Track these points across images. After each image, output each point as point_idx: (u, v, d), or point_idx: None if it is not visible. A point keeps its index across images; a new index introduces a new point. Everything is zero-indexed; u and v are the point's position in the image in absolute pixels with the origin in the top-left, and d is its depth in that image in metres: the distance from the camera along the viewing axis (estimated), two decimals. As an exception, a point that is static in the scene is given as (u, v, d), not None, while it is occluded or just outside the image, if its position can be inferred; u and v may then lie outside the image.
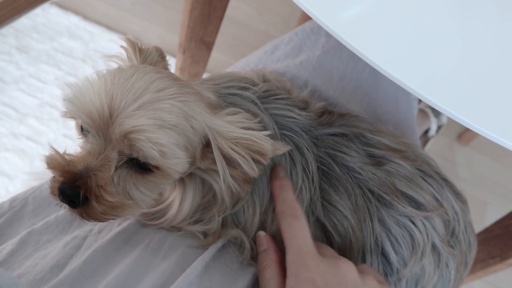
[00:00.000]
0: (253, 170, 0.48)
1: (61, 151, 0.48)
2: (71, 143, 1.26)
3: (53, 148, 0.47)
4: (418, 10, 0.51)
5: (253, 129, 0.48)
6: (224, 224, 0.56)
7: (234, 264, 0.56)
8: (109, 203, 0.46)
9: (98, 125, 0.44)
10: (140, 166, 0.46)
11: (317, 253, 0.49)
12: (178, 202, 0.54)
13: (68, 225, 0.56)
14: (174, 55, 1.19)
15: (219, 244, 0.56)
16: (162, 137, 0.43)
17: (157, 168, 0.45)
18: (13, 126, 1.27)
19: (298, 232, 0.50)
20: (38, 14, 1.46)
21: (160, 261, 0.53)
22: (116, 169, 0.46)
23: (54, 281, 0.48)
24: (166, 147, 0.44)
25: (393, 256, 0.55)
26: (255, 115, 0.51)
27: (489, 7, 0.52)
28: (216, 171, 0.50)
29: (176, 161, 0.46)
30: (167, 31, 1.53)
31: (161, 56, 0.54)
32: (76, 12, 1.50)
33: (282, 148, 0.49)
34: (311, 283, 0.45)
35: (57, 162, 0.46)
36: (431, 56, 0.48)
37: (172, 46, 1.26)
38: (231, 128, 0.47)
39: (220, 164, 0.48)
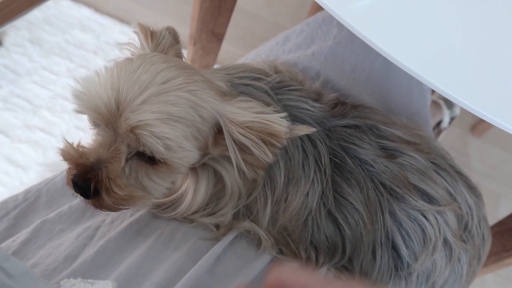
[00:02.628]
0: (266, 155, 0.46)
1: (75, 143, 0.49)
2: (83, 134, 1.27)
3: (66, 140, 0.48)
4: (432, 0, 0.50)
5: (265, 113, 0.47)
6: (235, 216, 0.56)
7: (244, 255, 0.56)
8: (119, 195, 0.46)
9: (107, 118, 0.44)
10: (150, 158, 0.46)
11: None
12: (192, 191, 0.54)
13: (81, 215, 0.57)
14: (184, 47, 1.19)
15: (231, 236, 0.56)
16: (167, 130, 0.43)
17: (164, 161, 0.45)
18: (26, 118, 1.28)
19: None
20: (50, 7, 1.47)
21: (171, 252, 0.54)
22: (127, 161, 0.46)
23: (67, 271, 0.49)
24: (172, 141, 0.44)
25: (403, 250, 0.55)
26: (268, 105, 0.50)
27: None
28: (228, 159, 0.49)
29: (184, 154, 0.46)
30: (178, 23, 1.53)
31: (175, 38, 0.54)
32: (88, 4, 1.50)
33: (304, 129, 0.48)
34: None
35: (70, 155, 0.47)
36: (445, 46, 0.47)
37: (183, 38, 1.26)
38: (243, 113, 0.46)
39: (232, 151, 0.47)
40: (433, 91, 1.03)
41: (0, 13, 0.65)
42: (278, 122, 0.45)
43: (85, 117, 0.47)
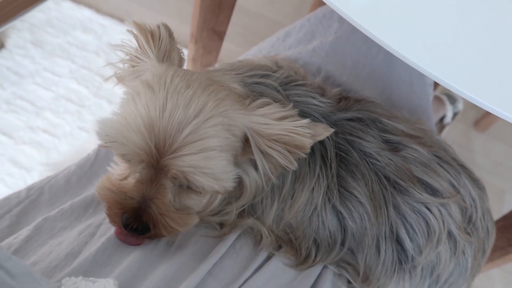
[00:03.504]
0: (291, 164, 0.48)
1: (108, 179, 0.49)
2: (86, 135, 1.28)
3: (104, 179, 0.49)
4: (433, -8, 0.49)
5: (289, 118, 0.47)
6: (240, 215, 0.56)
7: (243, 251, 0.56)
8: (175, 230, 0.48)
9: (148, 161, 0.44)
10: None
11: None
12: (209, 196, 0.54)
13: (82, 213, 0.57)
14: (186, 46, 1.19)
15: (234, 236, 0.56)
16: (214, 165, 0.44)
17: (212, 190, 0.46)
18: (29, 120, 1.29)
19: None
20: (51, 8, 1.48)
21: (173, 250, 0.54)
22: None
23: (68, 269, 0.49)
24: (219, 170, 0.45)
25: (408, 243, 0.55)
26: (278, 101, 0.51)
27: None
28: (248, 161, 0.50)
29: (228, 176, 0.46)
30: (179, 22, 1.53)
31: (169, 34, 0.53)
32: (89, 5, 1.50)
33: (324, 132, 0.48)
34: None
35: (112, 198, 0.47)
36: (447, 38, 0.47)
37: (184, 37, 1.26)
38: (268, 123, 0.47)
39: (259, 159, 0.48)
40: (435, 87, 1.03)
41: (1, 12, 0.65)
42: (302, 133, 0.46)
43: (88, 118, 0.47)
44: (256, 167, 0.51)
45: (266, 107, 0.48)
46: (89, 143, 1.26)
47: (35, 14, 1.46)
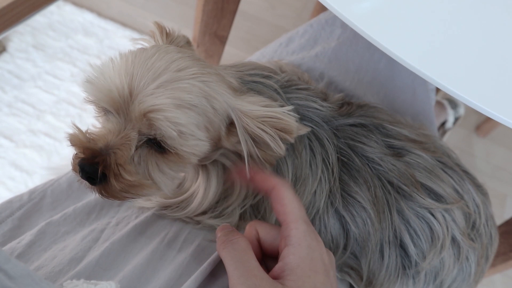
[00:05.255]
0: (280, 148, 0.47)
1: (84, 129, 0.48)
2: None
3: (75, 126, 0.48)
4: (436, -2, 0.50)
5: (274, 106, 0.47)
6: (242, 217, 0.56)
7: None
8: (128, 181, 0.46)
9: (118, 103, 0.44)
10: (160, 147, 0.46)
11: None
12: (203, 189, 0.54)
13: (86, 217, 0.57)
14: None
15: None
16: (181, 116, 0.43)
17: (175, 150, 0.45)
18: (31, 123, 1.29)
19: (293, 199, 0.43)
20: (53, 12, 1.48)
21: (176, 254, 0.54)
22: (136, 149, 0.46)
23: (72, 273, 0.49)
24: (185, 127, 0.44)
25: (411, 249, 0.55)
26: (277, 101, 0.51)
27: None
28: (237, 154, 0.50)
29: (195, 142, 0.46)
30: (181, 27, 1.52)
31: (187, 43, 0.54)
32: (91, 9, 1.51)
33: (303, 128, 0.49)
34: (321, 258, 0.41)
35: (78, 139, 0.47)
36: (450, 44, 0.47)
37: (186, 41, 1.27)
38: (254, 107, 0.46)
39: (245, 143, 0.47)
40: (437, 92, 1.03)
41: (4, 18, 0.65)
42: (289, 117, 0.46)
43: (90, 121, 0.47)
44: (237, 154, 0.50)
45: (253, 97, 0.48)
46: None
47: (37, 18, 1.47)
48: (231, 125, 0.48)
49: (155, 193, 0.50)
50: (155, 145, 0.46)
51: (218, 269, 0.53)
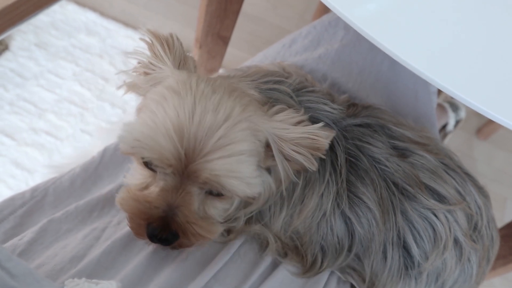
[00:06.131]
0: (313, 165, 0.48)
1: (130, 188, 0.48)
2: (88, 138, 1.28)
3: (125, 188, 0.48)
4: (439, 0, 0.50)
5: (303, 122, 0.48)
6: (247, 221, 0.56)
7: (247, 257, 0.56)
8: (205, 237, 0.47)
9: (175, 166, 0.43)
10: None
11: None
12: (231, 204, 0.54)
13: (87, 216, 0.57)
14: (190, 50, 1.19)
15: (239, 242, 0.56)
16: (245, 169, 0.44)
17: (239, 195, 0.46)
18: (32, 121, 1.29)
19: None
20: (56, 11, 1.48)
21: (177, 254, 0.54)
22: None
23: (73, 271, 0.49)
24: (250, 175, 0.44)
25: (414, 249, 0.55)
26: (291, 107, 0.52)
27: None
28: (263, 168, 0.50)
29: (257, 180, 0.47)
30: (184, 27, 1.53)
31: (181, 45, 0.53)
32: (94, 8, 1.51)
33: (330, 135, 0.49)
34: None
35: (136, 208, 0.46)
36: (452, 47, 0.48)
37: (189, 42, 1.27)
38: (287, 128, 0.47)
39: (281, 163, 0.48)
40: (438, 94, 1.03)
41: (8, 16, 0.65)
42: (321, 135, 0.47)
43: (90, 120, 0.47)
44: (269, 172, 0.51)
45: (283, 113, 0.48)
46: (92, 145, 1.27)
47: (39, 17, 1.47)
48: (267, 147, 0.49)
49: (221, 229, 0.51)
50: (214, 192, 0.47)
51: (221, 272, 0.53)
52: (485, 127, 1.48)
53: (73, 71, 1.39)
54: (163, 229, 0.45)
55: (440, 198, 0.55)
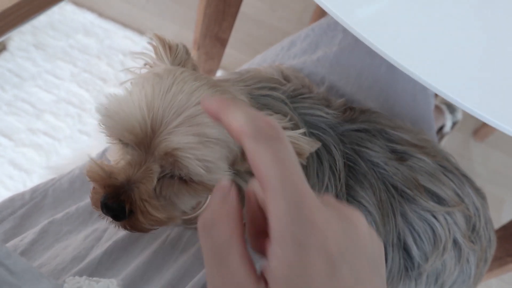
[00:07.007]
0: None
1: (100, 161, 0.47)
2: (87, 138, 1.28)
3: (93, 159, 0.47)
4: (437, 6, 0.50)
5: (287, 129, 0.47)
6: None
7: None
8: (155, 217, 0.45)
9: (140, 139, 0.43)
10: (181, 178, 0.45)
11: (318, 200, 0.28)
12: (197, 198, 0.54)
13: (88, 217, 0.57)
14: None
15: None
16: (208, 153, 0.43)
17: (201, 183, 0.45)
18: (30, 122, 1.28)
19: (289, 164, 0.27)
20: (54, 11, 1.48)
21: (179, 254, 0.54)
22: (157, 180, 0.46)
23: (74, 270, 0.49)
24: (212, 163, 0.43)
25: (415, 251, 0.55)
26: (285, 114, 0.51)
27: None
28: (248, 172, 0.50)
29: (220, 175, 0.45)
30: (181, 28, 1.53)
31: (187, 53, 0.54)
32: (92, 9, 1.51)
33: (314, 145, 0.48)
34: (324, 254, 0.24)
35: (98, 175, 0.46)
36: (450, 52, 0.48)
37: (187, 43, 1.27)
38: None
39: None
40: (435, 96, 1.04)
41: (8, 18, 0.66)
42: (303, 141, 0.46)
43: (88, 121, 0.47)
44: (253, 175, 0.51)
45: None
46: (90, 146, 1.26)
47: (37, 17, 1.47)
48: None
49: (179, 222, 0.50)
50: (176, 176, 0.45)
51: None
52: (481, 128, 1.49)
53: (71, 71, 1.38)
54: (112, 196, 0.44)
55: (439, 200, 0.55)
